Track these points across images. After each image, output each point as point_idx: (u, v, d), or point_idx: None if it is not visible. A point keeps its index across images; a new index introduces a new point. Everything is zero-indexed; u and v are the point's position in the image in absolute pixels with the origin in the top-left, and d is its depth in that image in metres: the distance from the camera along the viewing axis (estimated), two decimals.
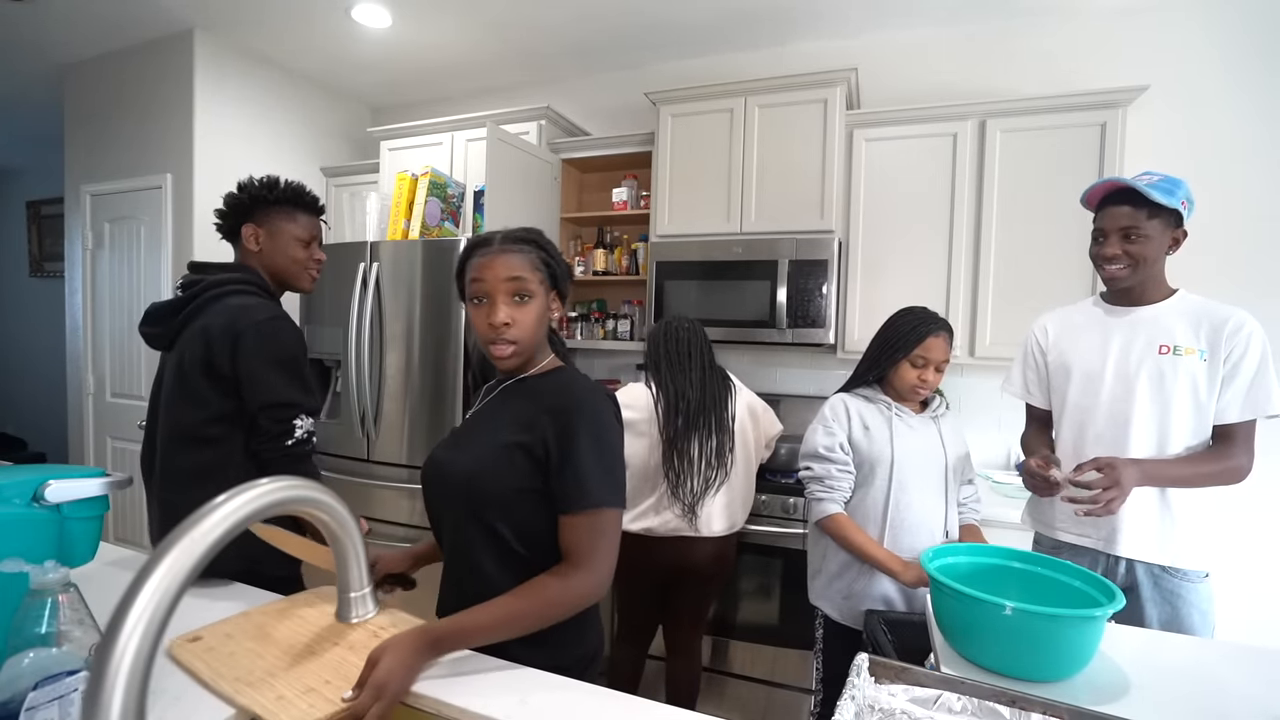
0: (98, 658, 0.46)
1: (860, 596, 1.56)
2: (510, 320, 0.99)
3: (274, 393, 1.26)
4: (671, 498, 1.86)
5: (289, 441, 1.28)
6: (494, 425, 1.03)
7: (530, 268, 1.01)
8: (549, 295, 1.05)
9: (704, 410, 1.87)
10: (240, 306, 1.29)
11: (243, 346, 1.25)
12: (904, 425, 1.58)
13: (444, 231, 2.60)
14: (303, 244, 1.41)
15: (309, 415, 1.32)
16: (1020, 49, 2.51)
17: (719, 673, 2.36)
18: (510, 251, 1.01)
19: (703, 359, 1.91)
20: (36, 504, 0.94)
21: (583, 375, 1.08)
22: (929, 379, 1.54)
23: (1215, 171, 2.26)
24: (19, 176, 5.04)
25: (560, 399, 0.99)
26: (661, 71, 3.03)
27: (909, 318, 1.57)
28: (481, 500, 0.99)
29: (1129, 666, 0.97)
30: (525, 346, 1.02)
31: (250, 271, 1.38)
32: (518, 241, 1.03)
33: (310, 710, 0.78)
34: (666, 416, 1.85)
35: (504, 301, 1.00)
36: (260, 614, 1.02)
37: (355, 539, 0.88)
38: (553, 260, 1.06)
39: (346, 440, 2.63)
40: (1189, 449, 1.35)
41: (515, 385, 1.06)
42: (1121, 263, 1.36)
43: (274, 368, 1.27)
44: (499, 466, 0.98)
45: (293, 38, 2.93)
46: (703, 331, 1.96)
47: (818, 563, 1.66)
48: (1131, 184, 1.31)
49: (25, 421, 5.09)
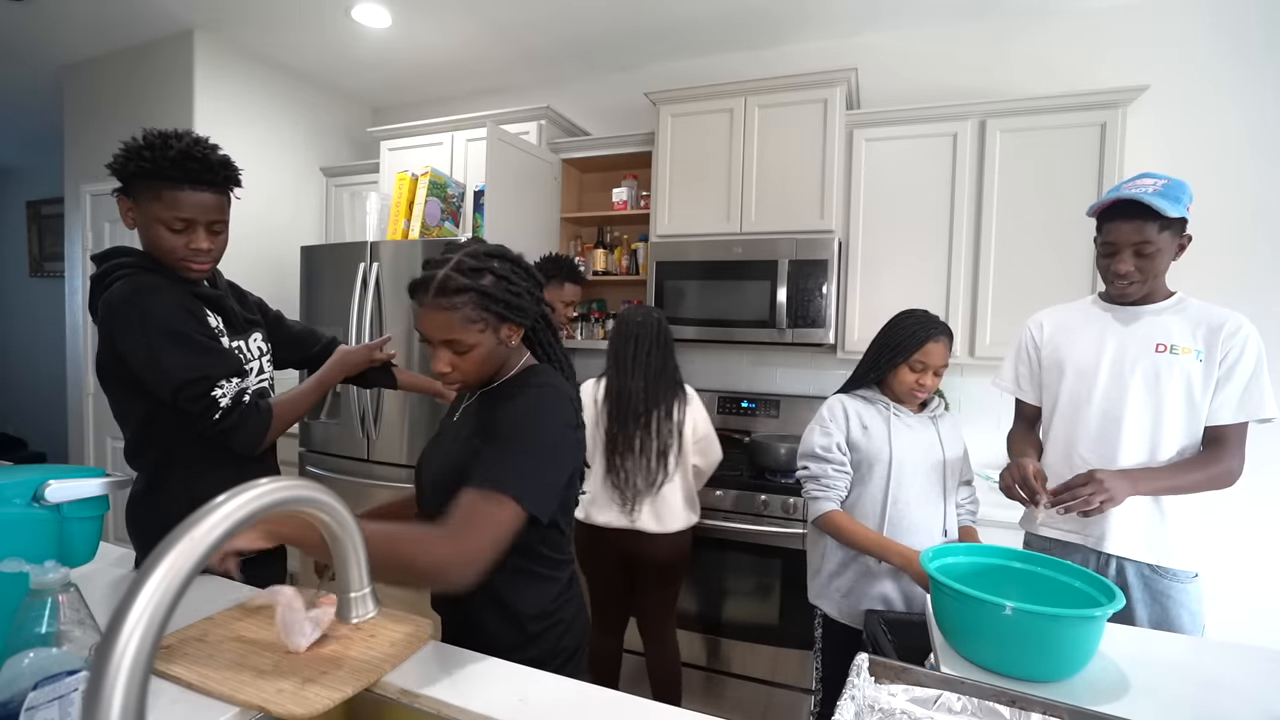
0: (98, 658, 0.45)
1: (859, 595, 1.57)
2: (451, 367, 0.99)
3: (172, 374, 1.12)
4: (614, 493, 1.91)
5: (216, 415, 1.15)
6: (468, 429, 1.04)
7: (464, 323, 0.96)
8: (500, 328, 1.00)
9: (646, 409, 1.88)
10: (107, 298, 1.14)
11: (117, 340, 1.12)
12: (902, 425, 1.59)
13: (444, 231, 2.61)
14: (173, 229, 1.14)
15: (229, 378, 1.17)
16: (1020, 49, 2.51)
17: (719, 673, 2.36)
18: (440, 309, 0.95)
19: (650, 355, 1.90)
20: (36, 504, 0.94)
21: (552, 375, 1.07)
22: (927, 383, 1.55)
23: (1215, 171, 2.26)
24: (19, 176, 5.05)
25: (518, 398, 1.00)
26: (661, 71, 3.03)
27: (909, 322, 1.57)
28: (452, 496, 0.99)
29: (1128, 666, 0.97)
30: (476, 380, 1.03)
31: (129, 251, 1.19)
32: (452, 293, 0.94)
33: (316, 699, 0.78)
34: (610, 413, 1.89)
35: (442, 351, 0.99)
36: (226, 616, 1.00)
37: (355, 539, 0.87)
38: (501, 294, 0.97)
39: (346, 440, 2.63)
40: (1181, 449, 1.35)
41: (493, 390, 1.07)
42: (1134, 279, 1.35)
43: (159, 348, 1.11)
44: (464, 465, 0.97)
45: (293, 37, 2.93)
46: (657, 325, 1.95)
47: (817, 562, 1.67)
48: (1141, 198, 1.28)
49: (25, 421, 5.09)
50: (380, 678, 0.86)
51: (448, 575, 0.85)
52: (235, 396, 1.18)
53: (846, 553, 1.58)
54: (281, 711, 0.76)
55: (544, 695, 0.85)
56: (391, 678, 0.87)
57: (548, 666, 0.94)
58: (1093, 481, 1.27)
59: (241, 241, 3.08)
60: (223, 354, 1.20)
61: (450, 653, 0.95)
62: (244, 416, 1.19)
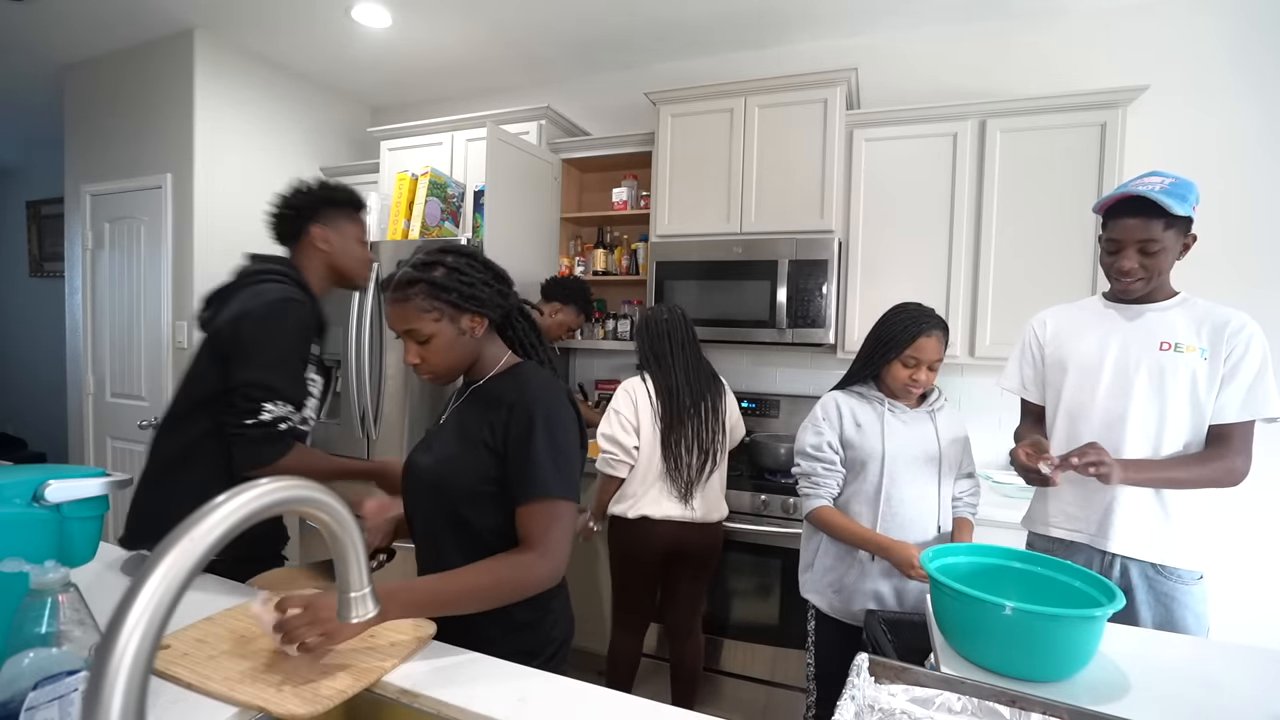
0: (98, 658, 0.45)
1: (851, 591, 1.57)
2: (419, 359, 1.06)
3: (250, 370, 1.23)
4: (669, 483, 1.96)
5: (249, 421, 1.22)
6: (459, 427, 1.09)
7: (418, 313, 1.03)
8: (459, 318, 1.05)
9: (694, 399, 1.98)
10: (260, 289, 1.31)
11: (243, 323, 1.25)
12: (896, 421, 1.58)
13: (444, 231, 2.61)
14: (362, 243, 1.50)
15: (287, 404, 1.26)
16: (1020, 49, 2.51)
17: (718, 673, 2.36)
18: (396, 301, 1.04)
19: (684, 349, 2.02)
20: (36, 504, 0.94)
21: (541, 371, 1.11)
22: (920, 378, 1.55)
23: (1215, 171, 2.25)
24: (19, 176, 5.04)
25: (517, 395, 1.03)
26: (661, 71, 3.03)
27: (901, 316, 1.56)
28: (448, 497, 1.05)
29: (1128, 666, 0.97)
30: (446, 371, 1.08)
31: (291, 266, 1.40)
32: (404, 285, 1.03)
33: (316, 699, 0.78)
34: (662, 407, 1.96)
35: (409, 344, 1.06)
36: (226, 618, 1.00)
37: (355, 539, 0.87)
38: (452, 284, 1.03)
39: (346, 440, 2.63)
40: (1185, 447, 1.35)
41: (477, 390, 1.11)
42: (1138, 275, 1.34)
43: (264, 346, 1.24)
44: (463, 465, 1.04)
45: (293, 38, 2.93)
46: (682, 319, 2.05)
47: (810, 557, 1.68)
48: (1148, 195, 1.27)
49: (25, 421, 5.09)
50: (380, 678, 0.86)
51: (546, 581, 0.99)
52: (276, 419, 1.25)
53: (840, 548, 1.59)
54: (281, 711, 0.76)
55: (544, 695, 0.85)
56: (391, 678, 0.87)
57: (539, 656, 0.98)
58: (1094, 448, 1.27)
59: (242, 242, 3.10)
60: (299, 381, 1.33)
61: (450, 653, 0.95)
62: (267, 438, 1.25)
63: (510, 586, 0.96)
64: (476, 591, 0.95)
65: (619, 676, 2.11)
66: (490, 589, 0.95)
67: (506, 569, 0.96)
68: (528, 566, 0.96)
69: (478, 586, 0.95)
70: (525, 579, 0.97)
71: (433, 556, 1.09)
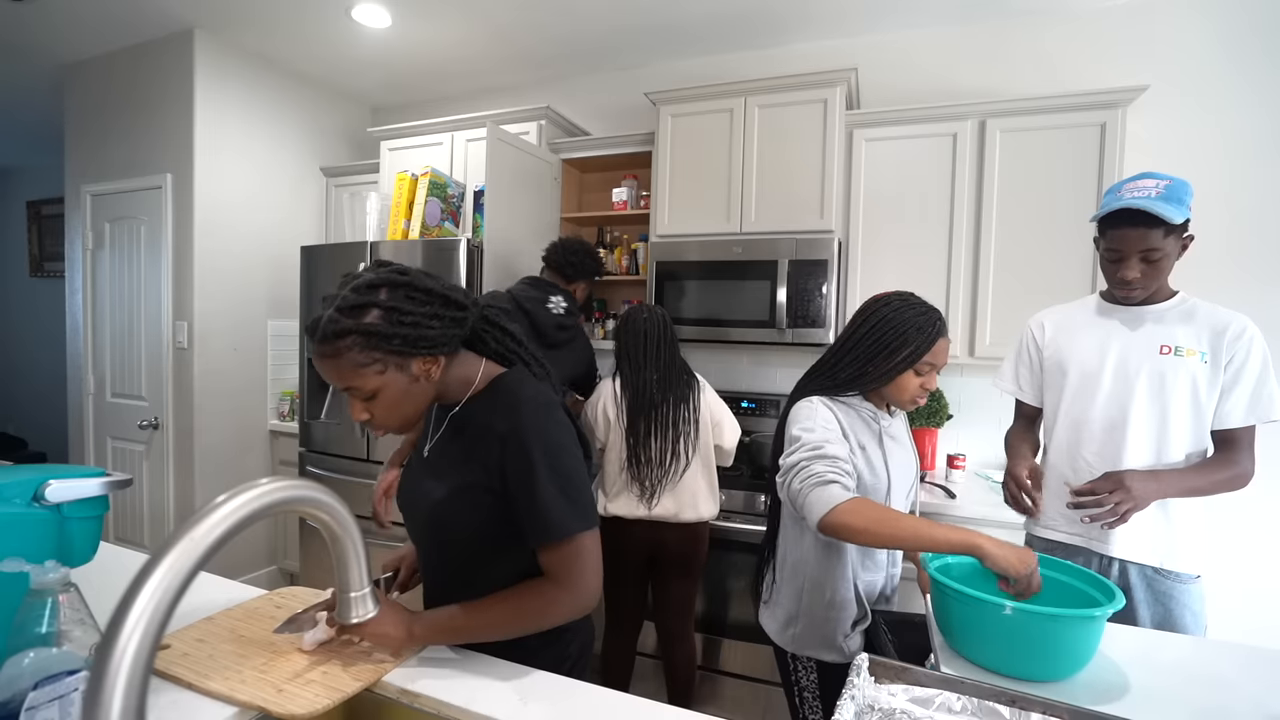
0: (98, 658, 0.46)
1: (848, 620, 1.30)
2: (367, 415, 0.92)
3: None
4: (633, 483, 1.96)
5: None
6: (448, 465, 0.98)
7: (355, 368, 0.86)
8: (408, 364, 0.89)
9: (662, 401, 1.96)
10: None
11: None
12: (891, 441, 1.32)
13: (444, 231, 2.60)
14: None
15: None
16: (1020, 49, 2.51)
17: (718, 672, 2.36)
18: (325, 357, 0.86)
19: (659, 348, 1.99)
20: (36, 504, 0.94)
21: (526, 382, 0.99)
22: (931, 387, 1.28)
23: (1215, 171, 2.25)
24: (19, 176, 5.05)
25: (506, 425, 0.91)
26: (661, 71, 3.03)
27: (909, 314, 1.24)
28: (449, 540, 0.99)
29: (1128, 666, 0.96)
30: (403, 423, 0.94)
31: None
32: (334, 338, 0.85)
33: (316, 699, 0.78)
34: (628, 406, 1.96)
35: (353, 400, 0.91)
36: (226, 618, 1.01)
37: (355, 539, 0.87)
38: (391, 329, 0.86)
39: (346, 440, 2.63)
40: (1187, 452, 1.35)
41: (459, 414, 1.00)
42: (1140, 284, 1.34)
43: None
44: (461, 512, 0.95)
45: (293, 38, 2.93)
46: (661, 319, 2.03)
47: (792, 605, 1.35)
48: (1147, 208, 1.25)
49: (25, 421, 5.09)
50: (380, 678, 0.86)
51: (576, 613, 0.94)
52: None
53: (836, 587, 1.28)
54: (281, 712, 0.76)
55: (544, 695, 0.85)
56: (391, 678, 0.87)
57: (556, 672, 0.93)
58: (1120, 488, 1.25)
59: (241, 242, 3.10)
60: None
61: (450, 653, 0.95)
62: None
63: (540, 618, 0.93)
64: (506, 624, 0.93)
65: (613, 677, 2.11)
66: (516, 622, 0.93)
67: (534, 602, 0.92)
68: (557, 602, 0.92)
69: (504, 620, 0.93)
70: (554, 613, 0.93)
71: (440, 587, 1.05)
